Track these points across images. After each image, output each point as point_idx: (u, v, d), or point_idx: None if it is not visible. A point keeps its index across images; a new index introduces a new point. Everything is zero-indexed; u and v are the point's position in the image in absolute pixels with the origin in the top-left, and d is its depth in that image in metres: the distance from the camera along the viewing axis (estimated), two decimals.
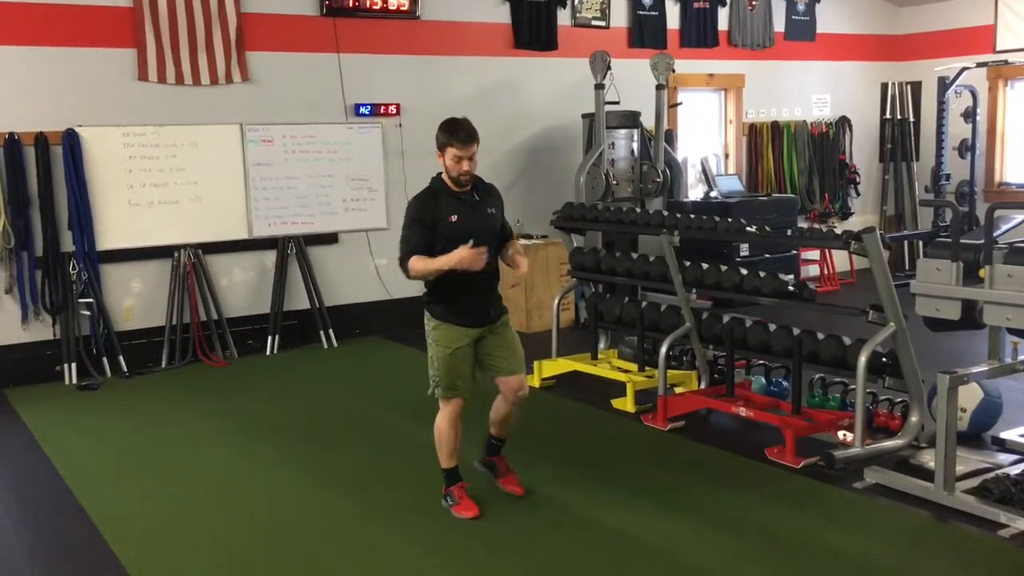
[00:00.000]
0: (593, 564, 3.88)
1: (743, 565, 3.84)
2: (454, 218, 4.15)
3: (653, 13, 9.58)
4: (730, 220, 5.87)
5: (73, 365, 6.99)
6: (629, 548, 3.99)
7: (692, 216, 6.00)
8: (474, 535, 4.13)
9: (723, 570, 3.80)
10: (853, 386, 5.11)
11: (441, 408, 4.33)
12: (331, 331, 7.97)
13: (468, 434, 4.46)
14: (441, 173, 4.23)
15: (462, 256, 4.05)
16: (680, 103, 9.66)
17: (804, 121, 10.67)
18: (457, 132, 4.10)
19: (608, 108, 8.31)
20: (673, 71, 8.61)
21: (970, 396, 5.03)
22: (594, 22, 9.26)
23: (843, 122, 10.95)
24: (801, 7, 10.60)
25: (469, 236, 4.11)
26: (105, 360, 7.11)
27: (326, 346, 7.93)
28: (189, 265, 7.45)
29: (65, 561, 4.09)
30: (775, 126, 10.50)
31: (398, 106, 8.30)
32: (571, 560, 3.92)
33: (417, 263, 4.17)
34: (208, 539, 4.22)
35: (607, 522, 4.25)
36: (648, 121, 8.76)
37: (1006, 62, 9.78)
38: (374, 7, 8.08)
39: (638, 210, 6.70)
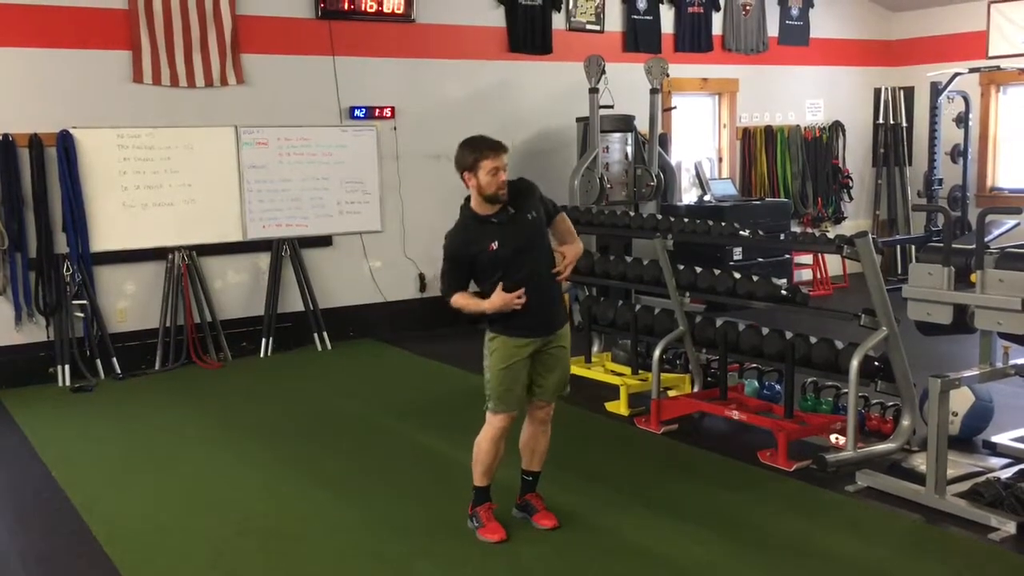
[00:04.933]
0: (585, 565, 3.89)
1: (735, 567, 3.85)
2: (494, 246, 3.90)
3: (647, 18, 9.60)
4: (723, 224, 5.89)
5: (66, 367, 6.98)
6: (622, 550, 4.01)
7: (686, 220, 6.01)
8: (465, 535, 4.13)
9: (715, 572, 3.82)
10: (845, 390, 5.12)
11: (488, 423, 4.08)
12: (325, 333, 7.97)
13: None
14: (467, 201, 3.99)
15: (499, 304, 3.87)
16: (674, 107, 9.68)
17: (797, 126, 10.70)
18: (486, 142, 3.88)
19: (602, 112, 8.33)
20: (667, 75, 8.64)
21: (961, 400, 5.05)
22: (589, 26, 9.28)
23: (836, 127, 10.98)
24: (795, 12, 10.63)
25: (516, 255, 3.91)
26: (99, 362, 7.10)
27: (320, 348, 7.93)
28: (183, 267, 7.44)
29: (58, 562, 4.09)
30: (768, 130, 10.52)
31: (393, 109, 8.31)
32: (561, 561, 3.93)
33: (460, 301, 4.00)
34: (201, 540, 4.22)
35: (600, 524, 4.26)
36: (642, 125, 8.78)
37: (998, 68, 9.83)
38: (369, 10, 8.08)
39: (632, 214, 6.72)
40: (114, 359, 7.14)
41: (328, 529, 4.31)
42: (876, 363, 5.01)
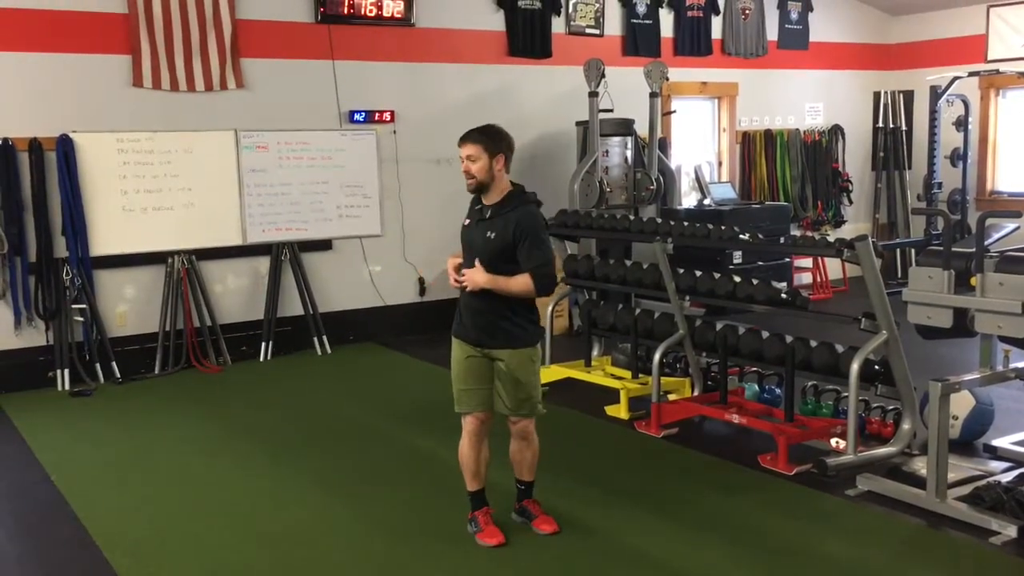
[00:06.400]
0: (585, 570, 3.89)
1: (736, 571, 3.85)
2: (466, 222, 4.13)
3: (647, 21, 9.61)
4: (723, 228, 5.89)
5: (66, 371, 6.97)
6: (622, 555, 4.00)
7: (685, 224, 6.01)
8: (464, 539, 4.12)
9: None
10: (846, 393, 5.13)
11: (463, 427, 4.16)
12: (325, 337, 7.96)
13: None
14: None
15: (448, 264, 4.12)
16: (674, 111, 9.69)
17: (797, 129, 10.70)
18: (466, 132, 4.03)
19: (602, 116, 8.34)
20: (667, 79, 8.65)
21: (962, 403, 5.05)
22: (588, 30, 9.29)
23: (836, 130, 10.99)
24: (794, 16, 10.64)
25: (467, 249, 4.09)
26: (98, 366, 7.09)
27: (320, 352, 7.93)
28: (183, 271, 7.44)
29: (57, 568, 4.09)
30: (768, 134, 10.53)
31: (392, 113, 8.32)
32: (560, 565, 3.93)
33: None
34: (201, 545, 4.22)
35: (599, 529, 4.26)
36: (642, 129, 8.79)
37: (997, 71, 9.83)
38: (369, 14, 8.09)
39: (632, 217, 6.72)
40: (113, 363, 7.13)
41: (328, 533, 4.30)
42: (876, 367, 5.01)
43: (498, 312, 3.99)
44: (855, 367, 4.79)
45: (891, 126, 10.92)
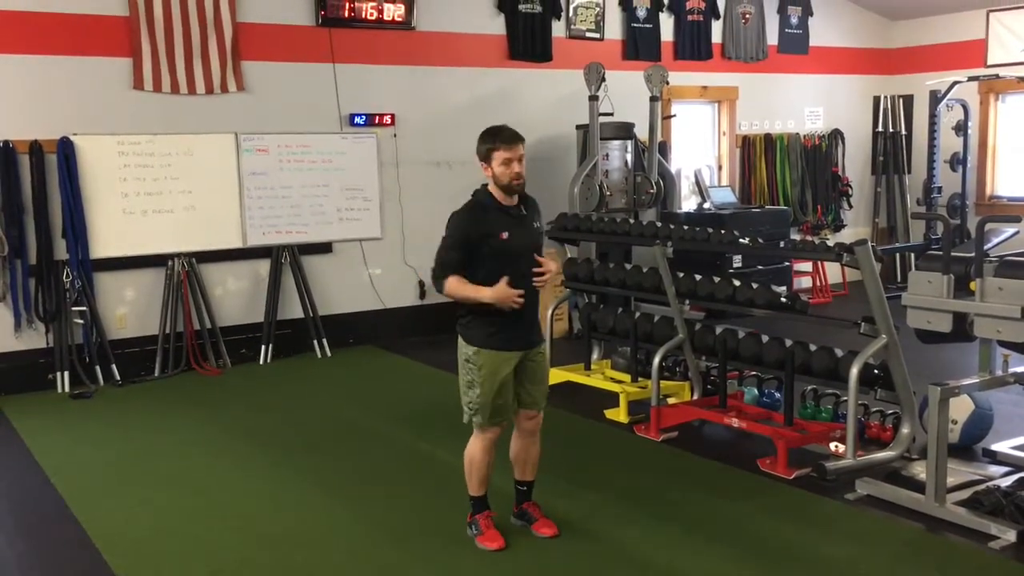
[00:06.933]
0: (585, 573, 3.89)
1: (735, 574, 3.85)
2: (505, 235, 3.90)
3: (647, 25, 9.62)
4: (723, 232, 5.89)
5: (66, 373, 6.97)
6: (621, 558, 4.00)
7: (685, 227, 6.02)
8: (464, 542, 4.13)
9: None
10: (845, 398, 5.13)
11: (476, 435, 4.09)
12: (324, 340, 7.97)
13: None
14: (485, 185, 4.00)
15: (500, 296, 3.84)
16: (674, 115, 9.69)
17: (797, 133, 10.72)
18: (501, 133, 3.90)
19: (602, 119, 8.35)
20: (667, 83, 8.66)
21: (961, 408, 5.05)
22: (588, 34, 9.30)
23: (836, 135, 11.00)
24: (794, 20, 10.66)
25: (519, 255, 3.91)
26: (98, 368, 7.09)
27: (319, 355, 7.93)
28: (183, 274, 7.44)
29: (57, 569, 4.09)
30: (768, 138, 10.54)
31: (393, 116, 8.32)
32: (561, 569, 3.93)
33: (454, 285, 3.90)
34: (201, 548, 4.22)
35: (599, 532, 4.26)
36: (642, 133, 8.79)
37: (997, 76, 9.84)
38: (370, 18, 8.10)
39: (631, 221, 6.73)
40: (113, 366, 7.14)
41: (328, 536, 4.30)
42: (876, 371, 5.02)
43: (537, 308, 4.13)
44: (854, 371, 4.79)
45: (891, 130, 10.95)
